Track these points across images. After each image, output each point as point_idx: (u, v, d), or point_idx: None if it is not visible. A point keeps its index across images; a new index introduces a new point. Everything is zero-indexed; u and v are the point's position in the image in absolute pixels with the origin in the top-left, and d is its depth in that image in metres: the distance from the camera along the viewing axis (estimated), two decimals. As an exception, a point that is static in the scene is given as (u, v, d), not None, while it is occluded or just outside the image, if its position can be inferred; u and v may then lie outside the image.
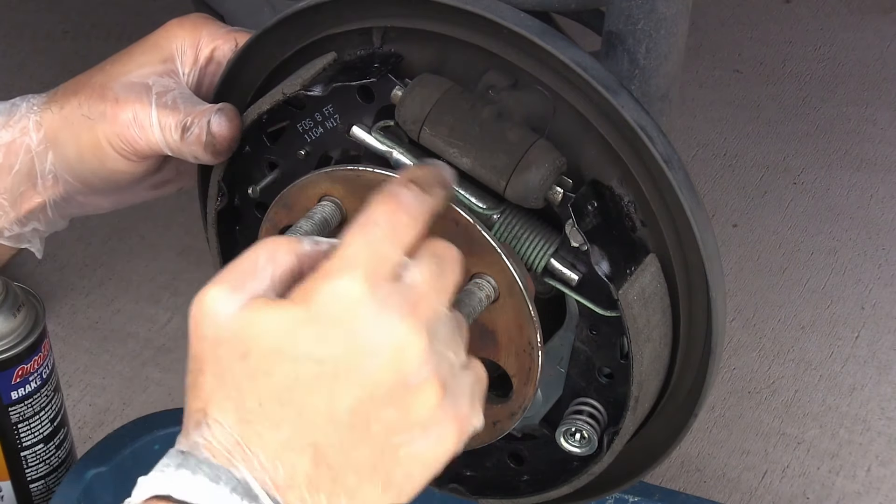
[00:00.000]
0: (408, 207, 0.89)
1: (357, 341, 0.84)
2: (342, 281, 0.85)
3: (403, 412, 0.86)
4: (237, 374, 0.85)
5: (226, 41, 1.16)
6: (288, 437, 0.84)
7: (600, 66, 1.02)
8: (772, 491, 1.90)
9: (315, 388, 0.84)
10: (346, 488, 0.86)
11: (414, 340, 0.85)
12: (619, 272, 1.00)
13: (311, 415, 0.84)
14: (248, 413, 0.84)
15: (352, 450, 0.85)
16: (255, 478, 0.84)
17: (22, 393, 1.45)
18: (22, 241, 1.22)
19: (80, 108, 1.14)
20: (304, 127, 1.11)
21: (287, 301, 0.85)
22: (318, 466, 0.85)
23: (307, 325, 0.84)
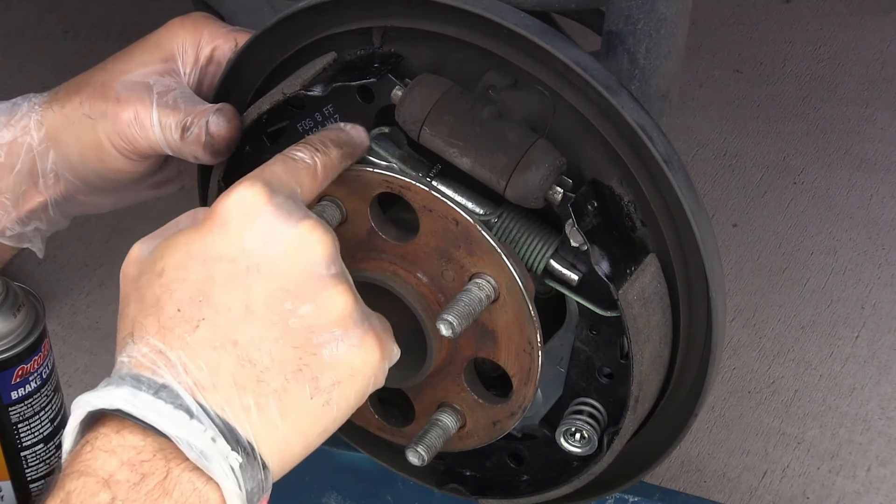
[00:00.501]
0: (299, 159, 0.97)
1: (261, 238, 0.88)
2: (242, 190, 0.90)
3: (320, 309, 0.89)
4: (155, 291, 0.88)
5: (226, 41, 1.16)
6: (208, 335, 0.86)
7: (600, 66, 1.02)
8: (772, 491, 1.90)
9: (229, 284, 0.87)
10: (272, 389, 0.87)
11: (319, 237, 0.90)
12: (619, 272, 1.00)
13: (228, 311, 0.87)
14: (167, 321, 0.87)
15: (273, 346, 0.87)
16: (178, 381, 0.85)
17: (22, 393, 1.45)
18: (23, 240, 1.22)
19: (82, 107, 1.14)
20: (304, 127, 1.11)
21: (195, 226, 0.90)
22: (242, 364, 0.86)
23: (216, 231, 0.89)
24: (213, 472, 0.84)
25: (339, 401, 0.90)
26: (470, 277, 1.03)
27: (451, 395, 1.11)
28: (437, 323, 1.00)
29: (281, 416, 0.87)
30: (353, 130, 1.04)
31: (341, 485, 1.55)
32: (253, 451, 0.86)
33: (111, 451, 0.84)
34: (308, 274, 0.89)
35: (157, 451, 0.84)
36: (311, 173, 0.97)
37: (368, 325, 0.91)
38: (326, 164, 0.99)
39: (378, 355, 0.91)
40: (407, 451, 1.09)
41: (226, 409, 0.85)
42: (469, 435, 1.12)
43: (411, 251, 1.05)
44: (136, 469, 0.83)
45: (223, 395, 0.85)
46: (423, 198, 1.02)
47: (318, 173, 0.98)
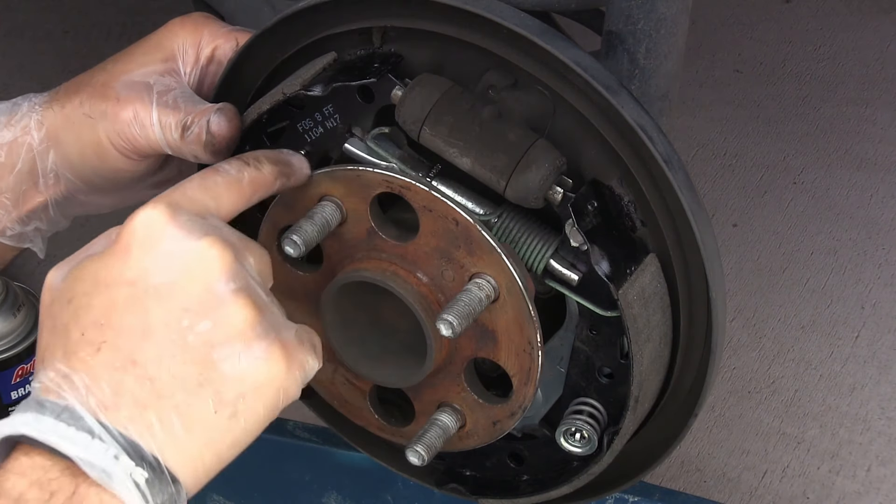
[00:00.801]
0: (224, 172, 0.99)
1: (162, 259, 0.90)
2: (145, 211, 0.92)
3: (218, 324, 0.90)
4: (64, 318, 0.90)
5: (227, 40, 1.16)
6: (109, 357, 0.88)
7: (600, 66, 1.02)
8: (772, 491, 1.90)
9: (129, 307, 0.89)
10: (174, 405, 0.89)
11: (218, 253, 0.91)
12: (619, 272, 1.00)
13: (128, 332, 0.89)
14: (73, 345, 0.89)
15: (171, 362, 0.89)
16: (79, 402, 0.87)
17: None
18: (24, 240, 1.22)
19: (82, 107, 1.14)
20: (304, 127, 1.11)
21: (105, 251, 0.92)
22: (141, 382, 0.88)
23: (118, 256, 0.91)
24: (116, 489, 0.86)
25: (246, 413, 0.91)
26: (470, 277, 1.03)
27: (451, 395, 1.11)
28: (437, 323, 1.00)
29: (185, 431, 0.89)
30: (294, 157, 1.06)
31: (341, 485, 1.56)
32: (159, 466, 0.87)
33: (21, 473, 0.86)
34: (206, 290, 0.90)
35: (64, 470, 0.86)
36: (233, 187, 0.99)
37: (274, 337, 0.92)
38: (255, 179, 1.00)
39: (283, 367, 0.92)
40: (407, 451, 1.09)
41: (129, 427, 0.87)
42: (469, 435, 1.13)
43: (411, 251, 1.05)
44: (44, 488, 0.85)
45: (125, 413, 0.87)
46: (423, 198, 1.02)
47: (243, 187, 0.99)
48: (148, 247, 0.91)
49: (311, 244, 1.04)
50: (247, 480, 1.56)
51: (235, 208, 0.98)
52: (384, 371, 1.13)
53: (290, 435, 1.54)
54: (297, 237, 1.03)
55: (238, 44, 1.15)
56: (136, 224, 0.91)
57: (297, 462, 1.55)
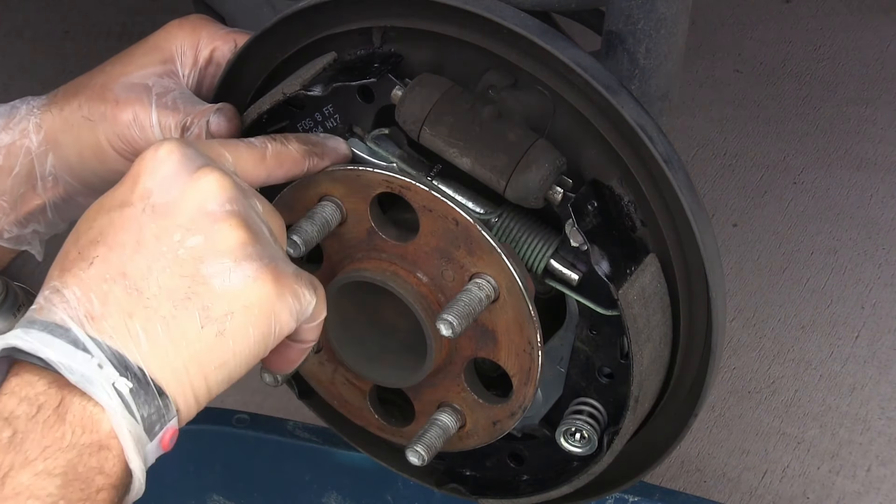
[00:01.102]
0: (247, 141, 1.01)
1: (163, 181, 0.92)
2: (156, 146, 0.94)
3: (209, 241, 0.91)
4: (68, 245, 0.93)
5: (225, 42, 1.16)
6: (100, 270, 0.90)
7: (600, 66, 1.02)
8: (772, 491, 1.90)
9: (125, 225, 0.92)
10: (160, 315, 0.90)
11: (216, 177, 0.93)
12: (619, 272, 1.00)
13: (120, 247, 0.91)
14: (68, 263, 0.91)
15: (161, 275, 0.90)
16: (69, 315, 0.88)
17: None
18: (22, 242, 1.22)
19: (81, 109, 1.14)
20: (304, 127, 1.11)
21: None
22: (129, 293, 0.90)
23: (126, 183, 0.93)
24: (97, 396, 0.86)
25: (234, 333, 0.91)
26: (470, 277, 1.03)
27: (451, 395, 1.11)
28: (437, 323, 1.00)
29: (171, 343, 0.89)
30: (330, 139, 1.07)
31: (341, 485, 1.56)
32: (145, 377, 0.88)
33: (11, 392, 0.87)
34: (200, 209, 0.92)
35: (52, 383, 0.87)
36: (255, 153, 1.00)
37: (267, 262, 0.92)
38: (280, 152, 1.02)
39: (273, 290, 0.92)
40: (407, 451, 1.09)
41: (114, 336, 0.88)
42: (469, 435, 1.13)
43: (411, 251, 1.05)
44: (32, 402, 0.86)
45: (111, 323, 0.89)
46: (423, 198, 1.02)
47: (265, 157, 1.00)
48: (152, 171, 0.93)
49: (311, 244, 1.04)
50: (247, 480, 1.56)
51: (255, 174, 1.00)
52: (384, 371, 1.13)
53: (290, 435, 1.54)
54: (297, 237, 1.03)
55: (236, 45, 1.15)
56: (148, 154, 0.94)
57: (297, 462, 1.55)
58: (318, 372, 1.18)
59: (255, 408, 1.83)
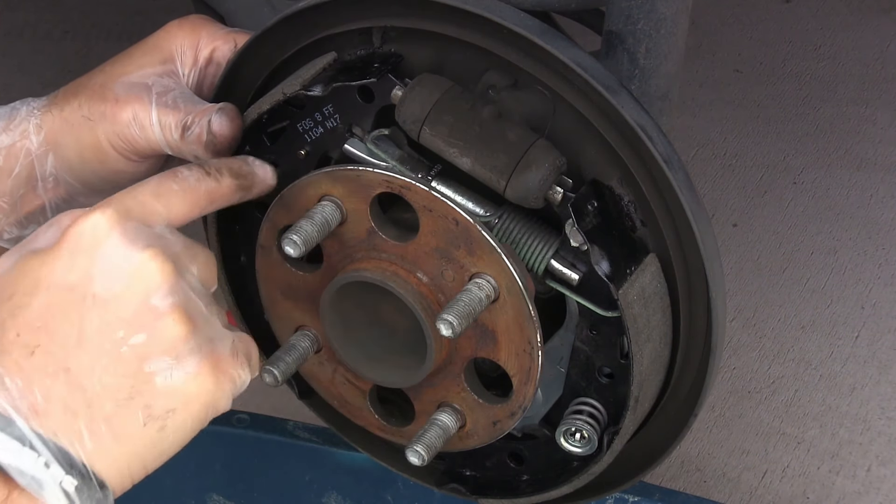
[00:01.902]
0: (181, 178, 0.99)
1: (102, 266, 0.91)
2: (93, 216, 0.92)
3: (152, 338, 0.91)
4: (3, 314, 0.90)
5: (225, 42, 1.16)
6: (42, 361, 0.89)
7: (600, 66, 1.02)
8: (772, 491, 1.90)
9: (66, 313, 0.90)
10: (103, 414, 0.90)
11: (158, 265, 0.92)
12: (619, 272, 1.00)
13: (63, 339, 0.89)
14: (7, 345, 0.89)
15: (104, 373, 0.90)
16: (11, 406, 0.87)
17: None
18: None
19: (81, 109, 1.14)
20: (304, 127, 1.11)
21: (49, 247, 0.92)
22: (73, 390, 0.89)
23: (61, 257, 0.91)
24: (46, 498, 0.87)
25: (174, 428, 0.93)
26: (470, 277, 1.03)
27: (451, 395, 1.11)
28: (437, 323, 1.00)
29: (114, 440, 0.90)
30: (261, 168, 1.07)
31: (341, 485, 1.56)
32: (88, 473, 0.88)
33: None
34: (143, 303, 0.91)
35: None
36: (188, 196, 0.99)
37: (207, 352, 0.93)
38: (213, 190, 1.01)
39: (212, 383, 0.93)
40: (407, 451, 1.09)
41: (59, 433, 0.88)
42: (469, 435, 1.13)
43: (411, 251, 1.05)
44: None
45: (55, 420, 0.88)
46: (423, 198, 1.02)
47: (198, 197, 1.00)
48: (90, 252, 0.91)
49: (311, 244, 1.04)
50: (247, 480, 1.56)
51: (187, 216, 0.99)
52: (384, 371, 1.13)
53: (290, 435, 1.54)
54: (297, 237, 1.03)
55: (236, 45, 1.15)
56: (84, 227, 0.92)
57: (297, 462, 1.55)
58: (318, 372, 1.18)
59: (255, 408, 1.83)
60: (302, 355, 1.13)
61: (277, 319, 1.17)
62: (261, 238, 1.12)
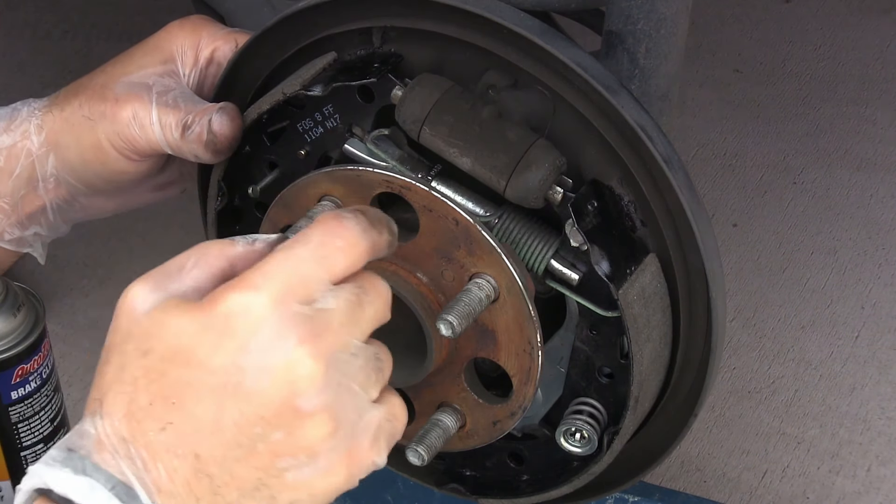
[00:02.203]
0: (347, 233, 0.89)
1: (251, 357, 0.85)
2: (249, 294, 0.85)
3: (291, 437, 0.86)
4: (135, 370, 0.85)
5: (226, 42, 1.16)
6: (172, 440, 0.84)
7: (600, 66, 1.02)
8: (772, 491, 1.90)
9: (204, 396, 0.85)
10: (226, 502, 0.85)
11: (309, 366, 0.85)
12: (619, 272, 1.00)
13: (197, 423, 0.85)
14: (138, 410, 0.85)
15: (235, 465, 0.85)
16: (136, 477, 0.84)
17: (22, 393, 1.45)
18: (23, 244, 1.22)
19: (81, 109, 1.14)
20: (304, 127, 1.11)
21: (196, 305, 0.86)
22: (199, 476, 0.85)
23: (206, 332, 0.85)
24: None
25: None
26: (470, 277, 1.03)
27: (451, 395, 1.11)
28: (437, 323, 1.00)
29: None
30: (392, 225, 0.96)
31: (341, 485, 1.55)
32: None
33: None
34: (288, 403, 0.86)
35: None
36: (352, 253, 0.90)
37: (344, 450, 0.88)
38: (374, 245, 0.91)
39: (343, 479, 0.89)
40: (407, 451, 1.09)
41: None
42: (469, 435, 1.12)
43: (411, 251, 1.05)
44: None
45: (177, 501, 0.84)
46: (423, 198, 1.02)
47: (361, 254, 0.90)
48: (242, 339, 0.85)
49: (311, 244, 1.04)
50: (247, 480, 1.56)
51: (347, 273, 0.90)
52: (384, 371, 1.13)
53: (290, 435, 1.54)
54: (297, 237, 1.03)
55: (237, 45, 1.15)
56: (236, 305, 0.85)
57: (297, 462, 1.54)
58: (318, 372, 1.18)
59: (255, 408, 1.83)
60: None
61: (277, 319, 1.17)
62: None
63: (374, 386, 0.90)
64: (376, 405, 0.90)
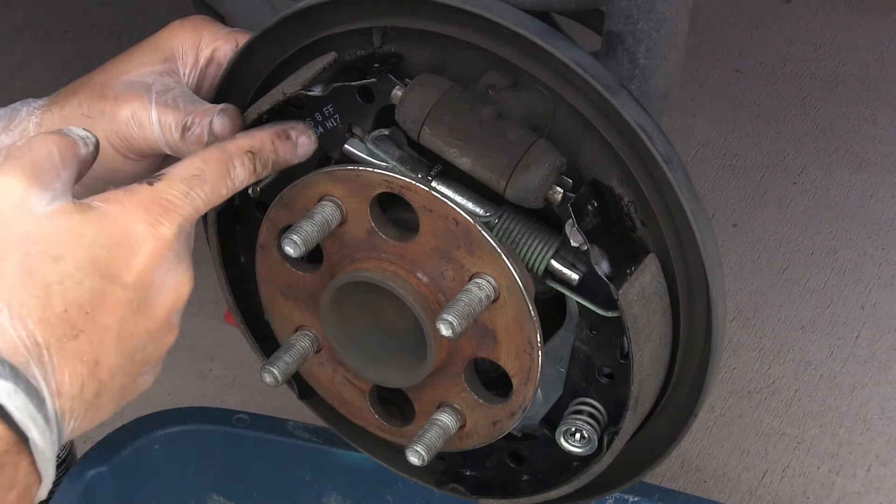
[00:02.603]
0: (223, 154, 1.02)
1: (157, 278, 0.94)
2: (167, 230, 0.94)
3: (157, 349, 0.96)
4: (47, 275, 0.90)
5: (226, 42, 1.16)
6: (81, 349, 0.90)
7: (600, 66, 1.02)
8: (772, 491, 1.90)
9: (114, 310, 0.92)
10: (101, 405, 0.93)
11: (187, 290, 0.96)
12: (619, 272, 1.00)
13: (104, 332, 0.91)
14: (53, 316, 0.89)
15: (118, 372, 0.93)
16: (45, 383, 0.89)
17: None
18: None
19: (80, 107, 1.14)
20: (305, 127, 1.11)
21: (101, 214, 0.93)
22: (92, 381, 0.91)
23: (120, 248, 0.92)
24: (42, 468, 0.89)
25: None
26: (470, 277, 1.03)
27: (451, 395, 1.11)
28: (437, 323, 1.00)
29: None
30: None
31: (341, 485, 1.55)
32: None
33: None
34: (166, 320, 0.95)
35: (14, 445, 0.87)
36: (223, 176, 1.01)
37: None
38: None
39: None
40: (407, 451, 1.09)
41: (66, 414, 0.90)
42: (469, 435, 1.13)
43: (411, 251, 1.05)
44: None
45: (69, 403, 0.90)
46: (423, 198, 1.02)
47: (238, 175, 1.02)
48: (154, 257, 0.93)
49: (311, 244, 1.04)
50: (247, 480, 1.56)
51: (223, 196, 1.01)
52: (384, 371, 1.13)
53: (290, 435, 1.54)
54: (297, 237, 1.03)
55: (238, 45, 1.15)
56: (162, 236, 0.94)
57: (297, 462, 1.54)
58: (318, 372, 1.18)
59: (255, 408, 1.83)
60: (302, 355, 1.13)
61: (277, 319, 1.17)
62: (261, 238, 1.12)
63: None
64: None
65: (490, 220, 1.05)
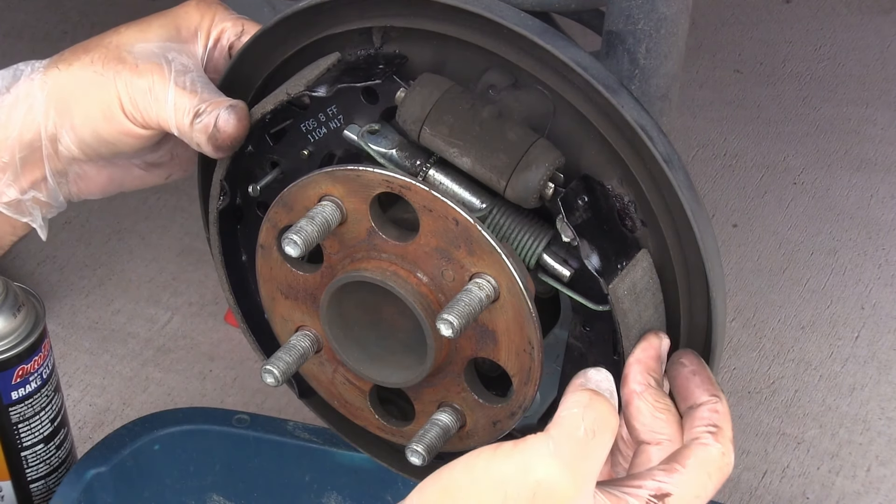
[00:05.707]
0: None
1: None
2: (556, 476, 0.89)
3: None
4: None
5: (234, 25, 1.17)
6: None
7: (600, 65, 1.02)
8: (772, 491, 1.90)
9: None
10: None
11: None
12: (609, 266, 1.00)
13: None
14: None
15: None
16: None
17: (22, 393, 1.45)
18: (22, 211, 1.20)
19: (93, 65, 1.13)
20: (308, 127, 1.11)
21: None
22: None
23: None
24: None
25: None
26: (470, 277, 1.03)
27: (451, 395, 1.11)
28: (437, 323, 1.00)
29: None
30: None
31: (341, 485, 1.55)
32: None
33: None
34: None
35: None
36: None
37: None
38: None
39: None
40: (407, 452, 1.09)
41: None
42: (469, 435, 1.13)
43: (411, 251, 1.05)
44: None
45: None
46: (423, 198, 1.02)
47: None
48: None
49: (311, 244, 1.04)
50: (247, 480, 1.56)
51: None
52: (384, 371, 1.13)
53: (290, 435, 1.54)
54: (297, 237, 1.03)
55: (244, 30, 1.16)
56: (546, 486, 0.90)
57: (297, 462, 1.54)
58: (318, 372, 1.18)
59: (255, 408, 1.83)
60: (302, 355, 1.13)
61: (277, 319, 1.17)
62: (261, 238, 1.12)
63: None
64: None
65: (484, 212, 1.05)
